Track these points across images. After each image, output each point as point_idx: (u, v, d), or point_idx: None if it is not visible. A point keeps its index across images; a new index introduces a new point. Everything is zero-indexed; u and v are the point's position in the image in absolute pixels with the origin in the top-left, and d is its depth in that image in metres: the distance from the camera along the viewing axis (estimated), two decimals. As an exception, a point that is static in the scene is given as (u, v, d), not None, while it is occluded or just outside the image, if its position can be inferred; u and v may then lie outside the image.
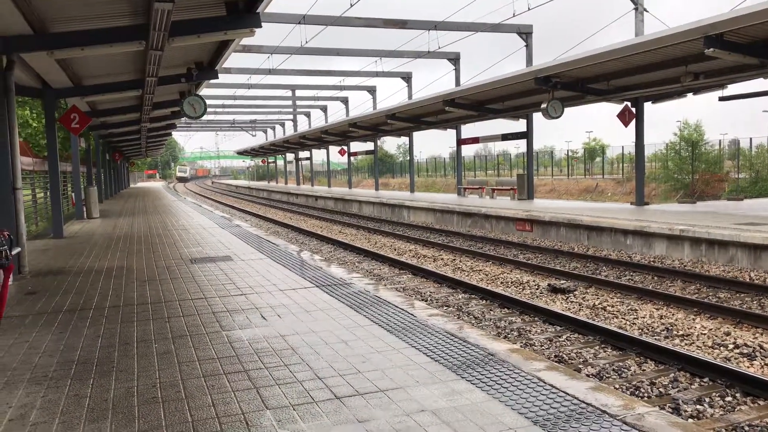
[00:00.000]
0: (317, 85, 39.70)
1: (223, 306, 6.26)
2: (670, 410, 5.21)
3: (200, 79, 14.10)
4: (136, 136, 30.13)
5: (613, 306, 8.91)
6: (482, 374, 4.05)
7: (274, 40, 25.72)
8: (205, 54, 12.93)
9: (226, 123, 61.81)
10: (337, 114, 45.34)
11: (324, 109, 47.47)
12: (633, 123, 19.28)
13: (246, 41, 22.54)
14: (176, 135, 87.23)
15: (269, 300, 6.48)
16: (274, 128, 65.69)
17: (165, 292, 7.11)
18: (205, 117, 46.46)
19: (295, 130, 53.35)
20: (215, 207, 34.61)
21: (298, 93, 43.90)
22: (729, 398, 5.45)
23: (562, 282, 10.61)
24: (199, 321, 5.65)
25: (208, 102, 15.28)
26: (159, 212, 21.55)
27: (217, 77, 14.22)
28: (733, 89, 17.51)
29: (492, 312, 8.86)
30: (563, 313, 8.22)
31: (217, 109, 46.54)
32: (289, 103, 47.83)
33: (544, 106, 17.71)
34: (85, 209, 19.49)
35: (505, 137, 26.19)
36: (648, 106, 19.41)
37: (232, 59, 38.35)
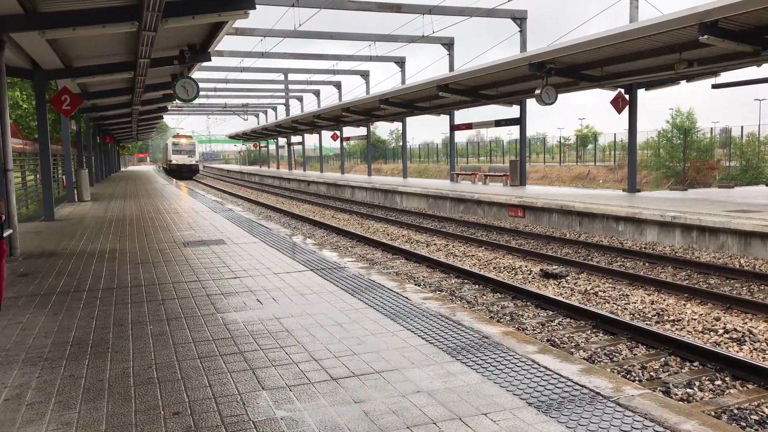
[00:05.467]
0: (310, 69, 39.52)
1: (217, 289, 6.26)
2: (661, 393, 5.27)
3: (193, 62, 13.99)
4: (128, 119, 29.89)
5: (604, 291, 8.98)
6: (477, 356, 4.08)
7: (267, 22, 25.50)
8: (197, 36, 12.82)
9: (218, 107, 61.34)
10: (329, 98, 45.16)
11: (317, 93, 47.23)
12: (626, 110, 19.31)
13: (239, 24, 22.33)
14: (167, 118, 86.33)
15: (263, 283, 6.48)
16: (266, 112, 65.30)
17: (159, 274, 7.10)
18: (197, 100, 46.12)
19: (288, 114, 53.07)
20: (207, 191, 34.47)
21: (291, 77, 43.60)
22: (718, 382, 5.52)
23: (554, 267, 10.67)
24: (194, 303, 5.65)
25: (200, 85, 15.17)
26: (150, 196, 21.45)
27: (209, 60, 14.11)
28: (725, 77, 17.58)
29: (485, 297, 8.90)
30: (555, 297, 8.28)
31: (209, 93, 46.22)
32: (282, 87, 47.53)
33: (538, 92, 17.69)
34: (76, 192, 19.37)
35: (499, 123, 26.17)
36: (641, 94, 19.45)
37: (225, 42, 38.05)
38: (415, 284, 9.68)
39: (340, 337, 4.55)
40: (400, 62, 32.56)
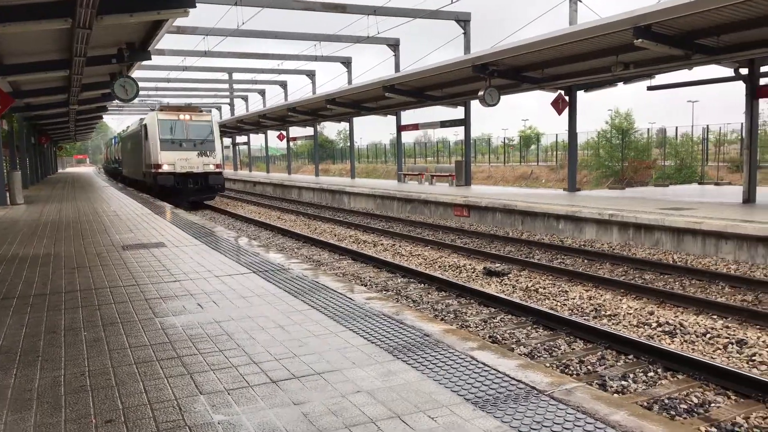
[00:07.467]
0: (255, 69, 38.97)
1: (156, 293, 6.11)
2: (598, 386, 5.44)
3: (132, 60, 13.65)
4: (65, 118, 28.90)
5: (545, 288, 9.19)
6: (418, 355, 4.12)
7: (209, 21, 25.06)
8: (137, 34, 12.51)
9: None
10: (275, 98, 44.74)
11: (262, 93, 46.68)
12: (566, 111, 19.81)
13: (180, 22, 21.88)
14: (107, 118, 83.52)
15: (204, 286, 6.37)
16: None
17: (95, 279, 6.88)
18: (138, 100, 44.77)
19: (232, 114, 52.29)
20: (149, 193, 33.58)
21: (235, 76, 42.93)
22: (651, 374, 5.73)
23: (497, 265, 10.87)
24: (131, 308, 5.50)
25: (140, 84, 14.81)
26: (89, 198, 20.77)
27: (149, 58, 13.80)
28: (660, 79, 18.24)
29: (430, 295, 8.99)
30: (497, 295, 8.43)
31: (150, 92, 45.05)
32: (226, 86, 46.77)
33: (481, 93, 17.98)
34: (8, 195, 18.58)
35: (444, 124, 26.52)
36: (581, 95, 19.99)
37: (166, 40, 37.20)
38: (362, 284, 9.70)
39: (281, 339, 4.52)
40: (347, 62, 32.52)
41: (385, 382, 3.63)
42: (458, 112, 25.21)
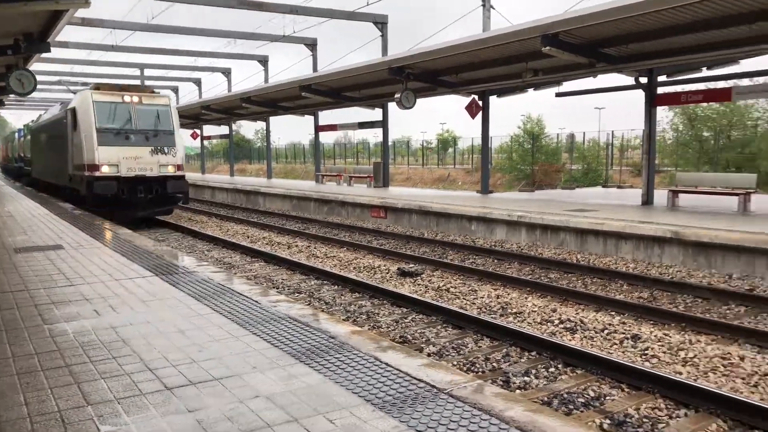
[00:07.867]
0: (168, 65, 37.69)
1: (47, 298, 5.76)
2: (502, 383, 5.57)
3: (30, 52, 12.87)
4: (-45, 112, 26.87)
5: (456, 287, 9.36)
6: (322, 357, 4.07)
7: (118, 14, 24.04)
8: (34, 24, 11.78)
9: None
10: (189, 96, 43.39)
11: (175, 90, 45.22)
12: (480, 116, 20.30)
13: (84, 13, 20.87)
14: (5, 113, 78.42)
15: (102, 290, 6.06)
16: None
17: (-20, 284, 6.41)
18: (40, 94, 42.22)
19: (145, 111, 50.33)
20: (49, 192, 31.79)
21: (147, 72, 41.35)
22: (552, 369, 5.92)
23: (411, 266, 10.97)
24: (18, 315, 5.15)
25: (42, 78, 14.00)
26: (-17, 198, 19.42)
27: (49, 50, 13.04)
28: (568, 86, 19.05)
29: (343, 297, 8.95)
30: (410, 295, 8.51)
31: (53, 86, 42.62)
32: (137, 82, 44.94)
33: (398, 96, 18.15)
34: None
35: (362, 125, 26.60)
36: (496, 101, 20.57)
37: (71, 32, 35.31)
38: (273, 287, 9.54)
39: (180, 344, 4.35)
40: (264, 61, 32.03)
41: (285, 386, 3.56)
42: (377, 114, 25.34)
